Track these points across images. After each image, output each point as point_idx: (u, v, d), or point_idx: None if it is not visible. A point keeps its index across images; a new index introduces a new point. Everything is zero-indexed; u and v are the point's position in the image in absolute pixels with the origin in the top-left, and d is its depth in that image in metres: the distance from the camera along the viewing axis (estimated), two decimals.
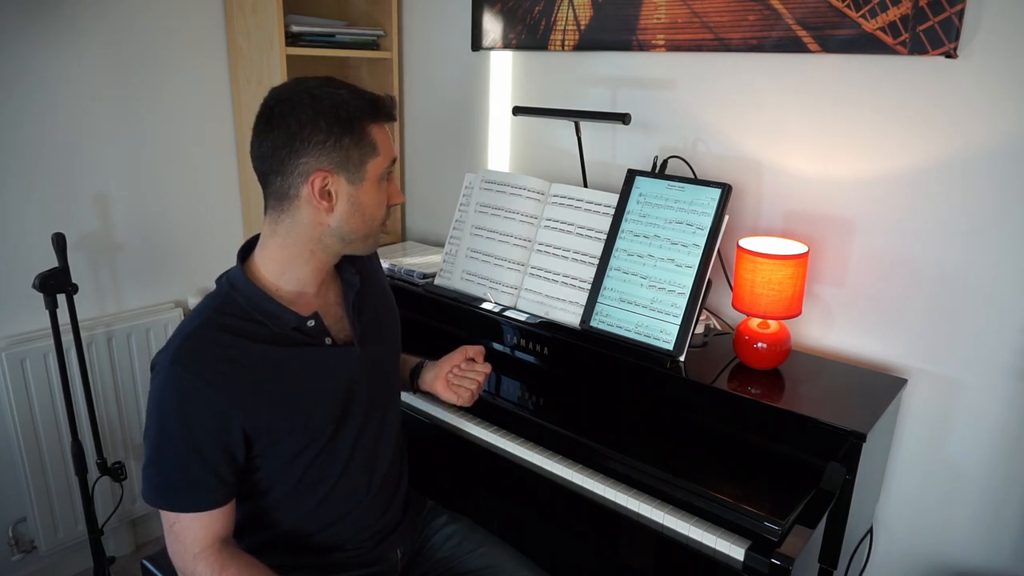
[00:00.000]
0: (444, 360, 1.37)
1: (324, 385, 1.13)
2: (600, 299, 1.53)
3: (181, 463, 1.03)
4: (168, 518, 1.06)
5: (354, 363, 1.17)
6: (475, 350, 1.35)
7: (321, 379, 1.13)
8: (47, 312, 1.66)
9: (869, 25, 1.40)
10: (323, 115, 1.02)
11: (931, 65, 1.37)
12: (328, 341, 1.14)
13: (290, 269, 1.11)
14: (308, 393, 1.11)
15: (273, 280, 1.10)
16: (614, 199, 1.56)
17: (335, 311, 1.19)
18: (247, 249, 1.14)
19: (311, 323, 1.12)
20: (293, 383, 1.09)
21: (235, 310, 1.08)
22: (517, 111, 1.81)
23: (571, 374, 1.57)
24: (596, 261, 1.56)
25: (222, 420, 1.03)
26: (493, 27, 1.99)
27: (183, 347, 1.03)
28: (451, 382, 1.33)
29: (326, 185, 1.05)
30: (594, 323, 1.52)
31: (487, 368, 1.34)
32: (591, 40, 1.80)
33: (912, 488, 1.55)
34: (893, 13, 1.37)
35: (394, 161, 1.13)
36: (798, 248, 1.41)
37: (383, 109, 1.09)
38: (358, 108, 1.05)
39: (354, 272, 1.21)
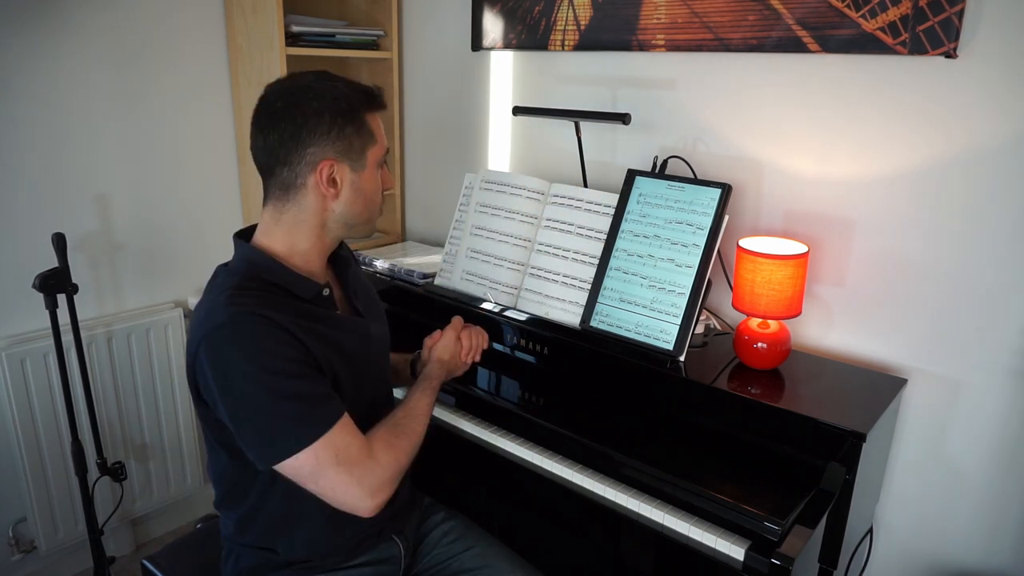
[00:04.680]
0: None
1: (342, 350, 1.16)
2: (600, 299, 1.53)
3: (300, 387, 1.02)
4: (326, 456, 1.02)
5: (366, 334, 1.22)
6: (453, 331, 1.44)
7: (339, 343, 1.15)
8: (47, 312, 1.66)
9: (869, 25, 1.40)
10: (327, 107, 1.08)
11: (931, 65, 1.37)
12: (338, 312, 1.20)
13: (297, 251, 1.15)
14: (332, 354, 1.13)
15: (285, 257, 1.14)
16: (614, 199, 1.56)
17: (336, 291, 1.24)
18: (245, 235, 1.19)
19: (326, 291, 1.17)
20: (321, 341, 1.11)
21: (259, 280, 1.10)
22: (517, 111, 1.81)
23: (571, 374, 1.57)
24: (596, 261, 1.56)
25: (300, 345, 1.05)
26: (493, 27, 1.99)
27: (232, 303, 1.03)
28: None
29: (332, 173, 1.11)
30: (594, 323, 1.52)
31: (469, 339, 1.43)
32: (591, 40, 1.80)
33: (912, 488, 1.55)
34: (893, 13, 1.37)
35: (388, 150, 1.20)
36: (798, 248, 1.41)
37: (377, 99, 1.15)
38: (356, 99, 1.12)
39: (342, 256, 1.27)
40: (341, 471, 1.03)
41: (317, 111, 1.08)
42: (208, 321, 1.04)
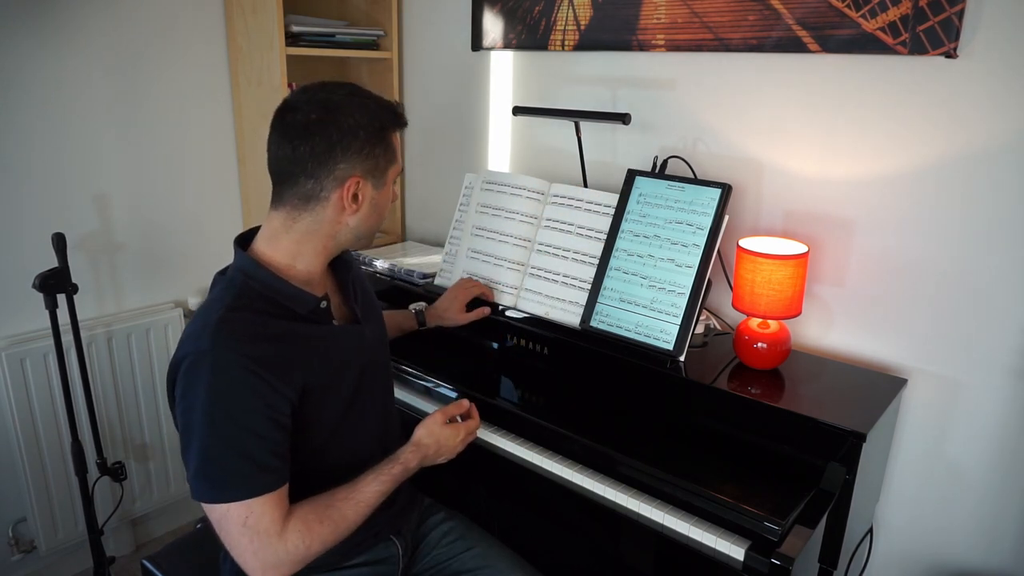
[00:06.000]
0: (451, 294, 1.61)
1: (340, 361, 1.16)
2: (600, 299, 1.53)
3: (248, 445, 1.01)
4: (236, 515, 1.01)
5: (361, 341, 1.22)
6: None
7: (337, 355, 1.16)
8: (47, 312, 1.66)
9: (869, 25, 1.40)
10: (362, 125, 1.09)
11: (931, 65, 1.37)
12: (334, 322, 1.19)
13: (301, 260, 1.14)
14: (331, 367, 1.14)
15: (284, 268, 1.14)
16: (614, 199, 1.56)
17: (334, 298, 1.24)
18: (245, 240, 1.18)
19: (324, 304, 1.16)
20: (318, 356, 1.12)
21: (254, 296, 1.09)
22: (517, 111, 1.81)
23: (571, 374, 1.57)
24: (596, 261, 1.56)
25: (274, 395, 1.03)
26: (493, 27, 1.99)
27: (220, 331, 1.02)
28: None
29: (357, 190, 1.11)
30: (594, 323, 1.52)
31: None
32: (591, 40, 1.80)
33: (912, 488, 1.55)
34: (893, 13, 1.37)
35: (402, 169, 1.20)
36: (798, 248, 1.41)
37: (401, 117, 1.16)
38: (386, 118, 1.13)
39: (344, 259, 1.27)
40: (243, 535, 1.02)
41: (352, 128, 1.08)
42: (197, 341, 1.03)
